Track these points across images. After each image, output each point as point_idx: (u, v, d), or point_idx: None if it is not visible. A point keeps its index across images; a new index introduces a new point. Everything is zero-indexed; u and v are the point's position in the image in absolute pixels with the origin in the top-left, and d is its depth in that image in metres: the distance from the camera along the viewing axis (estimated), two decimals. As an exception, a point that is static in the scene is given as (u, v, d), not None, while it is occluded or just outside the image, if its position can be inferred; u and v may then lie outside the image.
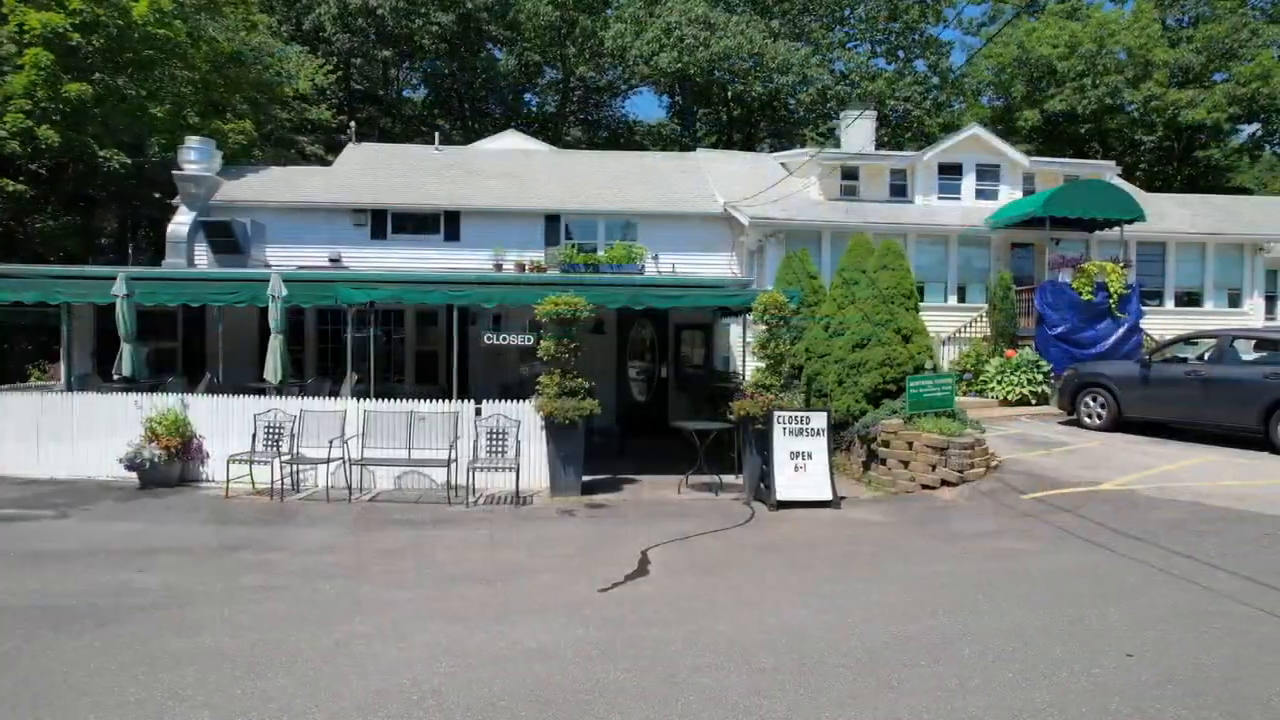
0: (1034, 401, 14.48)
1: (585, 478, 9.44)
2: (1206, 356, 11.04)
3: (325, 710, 3.96)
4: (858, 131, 20.68)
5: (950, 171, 18.45)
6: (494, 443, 9.18)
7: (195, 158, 16.97)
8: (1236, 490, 8.20)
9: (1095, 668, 4.39)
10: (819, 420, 8.80)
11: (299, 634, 4.93)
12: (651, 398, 15.09)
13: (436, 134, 22.94)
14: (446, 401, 9.56)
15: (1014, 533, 7.31)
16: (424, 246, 17.15)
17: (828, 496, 8.49)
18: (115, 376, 10.21)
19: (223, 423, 9.79)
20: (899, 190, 18.67)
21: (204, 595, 5.62)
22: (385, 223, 17.41)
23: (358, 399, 9.73)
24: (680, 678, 4.31)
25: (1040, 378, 14.50)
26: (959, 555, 6.64)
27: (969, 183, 18.33)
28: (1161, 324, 16.43)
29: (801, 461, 8.62)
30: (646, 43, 30.69)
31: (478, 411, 9.44)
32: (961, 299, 17.26)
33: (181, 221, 16.58)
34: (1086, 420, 12.28)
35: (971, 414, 13.46)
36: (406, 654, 4.64)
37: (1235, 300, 17.86)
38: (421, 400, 9.65)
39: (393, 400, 9.67)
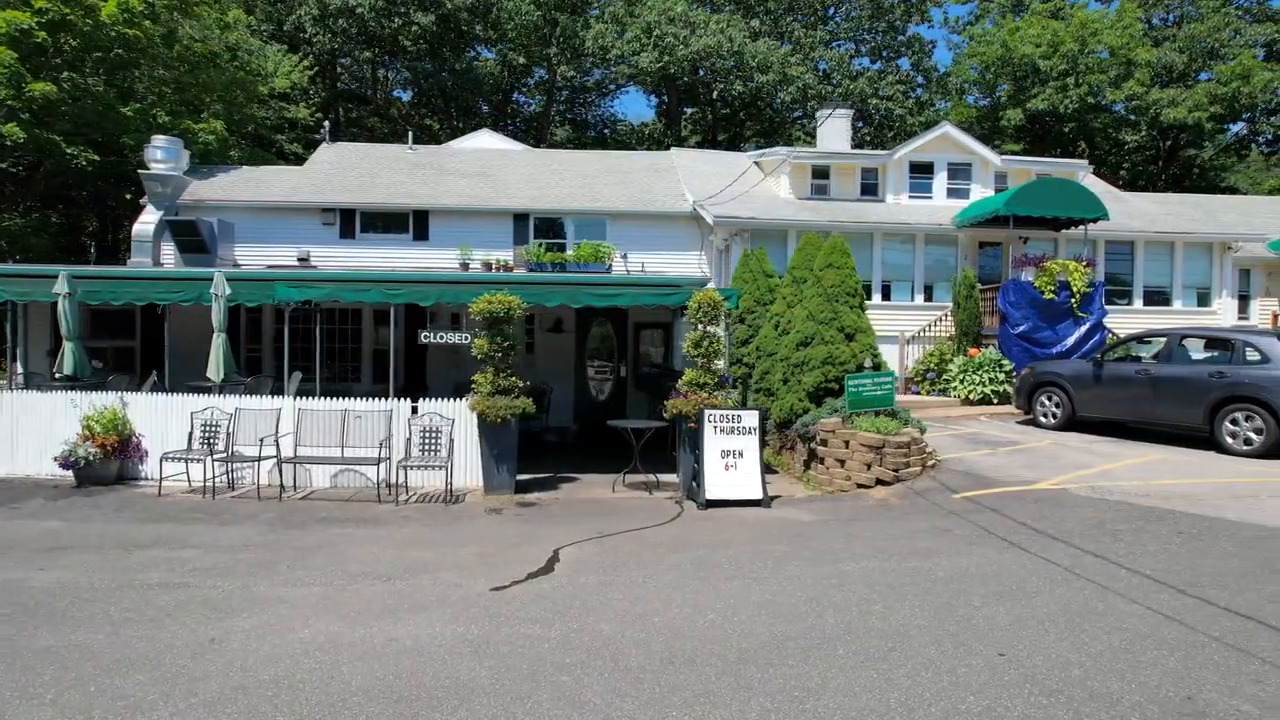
0: (996, 401, 14.43)
1: (523, 476, 9.42)
2: (1157, 355, 11.01)
3: (173, 707, 3.94)
4: (833, 130, 20.65)
5: (922, 170, 18.38)
6: (428, 441, 9.15)
7: (162, 157, 16.95)
8: (1167, 489, 8.16)
9: (962, 667, 4.36)
10: (750, 419, 8.75)
11: (177, 630, 4.91)
12: (610, 396, 15.05)
13: (410, 134, 22.84)
14: (382, 400, 9.54)
15: (934, 532, 7.27)
16: (393, 246, 17.11)
17: (757, 495, 8.44)
18: (56, 375, 10.21)
19: (162, 421, 9.78)
20: (870, 189, 18.59)
21: (95, 592, 5.61)
22: (354, 222, 17.37)
23: (295, 398, 9.71)
24: (542, 676, 4.29)
25: (1002, 377, 14.45)
26: (870, 554, 6.60)
27: (940, 181, 18.26)
28: (1130, 323, 16.27)
29: (732, 460, 8.57)
30: (627, 42, 30.65)
31: (414, 410, 9.42)
32: (929, 298, 17.18)
33: (147, 221, 16.55)
34: (1042, 419, 12.24)
35: (933, 413, 13.45)
36: (279, 650, 4.62)
37: (1205, 299, 17.75)
38: (373, 399, 9.60)
39: (338, 399, 9.63)
